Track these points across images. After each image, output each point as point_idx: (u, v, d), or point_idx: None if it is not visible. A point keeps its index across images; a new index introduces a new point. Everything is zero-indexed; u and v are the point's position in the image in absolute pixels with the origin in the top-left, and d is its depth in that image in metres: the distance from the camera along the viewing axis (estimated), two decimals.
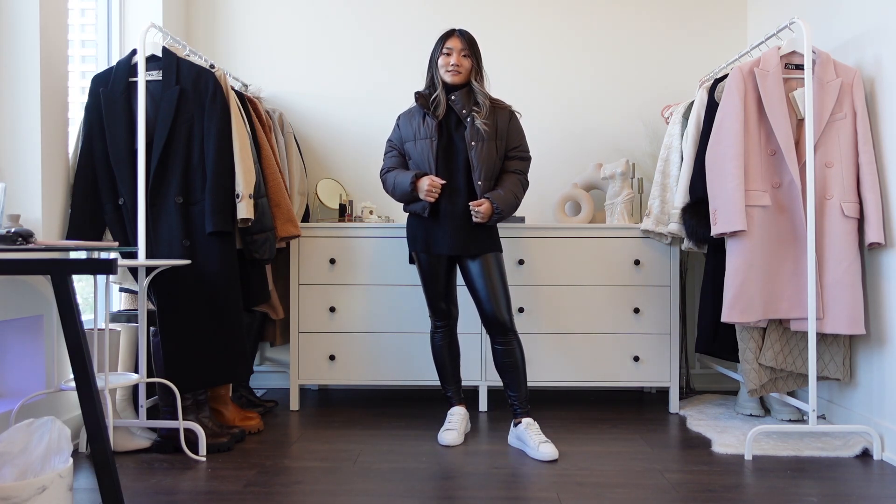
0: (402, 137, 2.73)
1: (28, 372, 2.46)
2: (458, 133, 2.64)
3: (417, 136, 2.67)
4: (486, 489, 2.18)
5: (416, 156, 2.67)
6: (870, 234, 2.53)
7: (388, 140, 2.81)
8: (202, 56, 2.95)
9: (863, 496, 2.13)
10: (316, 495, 2.12)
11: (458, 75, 2.62)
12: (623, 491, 2.16)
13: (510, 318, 2.63)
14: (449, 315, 2.77)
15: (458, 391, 2.80)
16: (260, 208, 2.71)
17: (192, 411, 2.57)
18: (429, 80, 2.69)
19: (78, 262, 1.74)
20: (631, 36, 3.68)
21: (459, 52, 2.62)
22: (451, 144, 2.65)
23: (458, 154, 2.63)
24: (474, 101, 2.64)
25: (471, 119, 2.61)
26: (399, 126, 2.76)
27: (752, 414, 3.03)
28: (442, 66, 2.63)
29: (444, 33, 2.66)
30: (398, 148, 2.76)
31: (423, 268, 2.73)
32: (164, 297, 2.53)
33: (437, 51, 2.66)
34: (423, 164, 2.65)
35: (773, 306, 2.62)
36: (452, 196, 2.63)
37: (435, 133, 2.63)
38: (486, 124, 2.61)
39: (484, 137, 2.61)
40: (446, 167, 2.63)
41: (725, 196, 2.59)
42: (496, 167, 2.67)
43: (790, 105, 2.64)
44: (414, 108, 2.74)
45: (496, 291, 2.61)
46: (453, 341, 2.80)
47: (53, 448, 1.69)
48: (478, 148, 2.60)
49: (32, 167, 2.43)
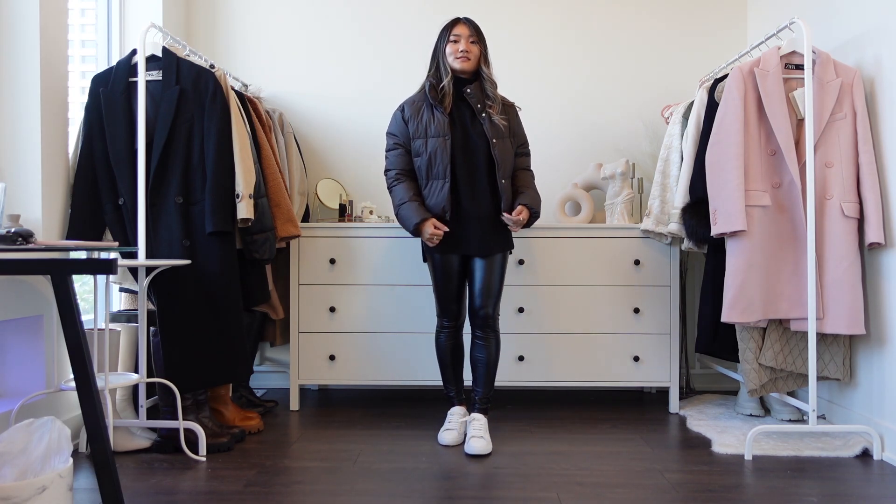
0: (410, 133, 2.62)
1: (28, 372, 2.45)
2: (474, 129, 2.59)
3: (428, 132, 2.57)
4: (486, 489, 2.18)
5: (428, 155, 2.57)
6: (870, 234, 2.53)
7: (390, 133, 2.68)
8: (202, 56, 2.95)
9: (863, 496, 2.13)
10: (316, 495, 2.12)
11: (467, 61, 2.57)
12: (623, 491, 2.15)
13: (495, 316, 2.66)
14: (458, 315, 2.72)
15: (460, 392, 2.79)
16: (260, 208, 2.71)
17: (192, 411, 2.57)
18: (433, 72, 2.63)
19: (78, 262, 1.74)
20: (631, 36, 3.68)
21: (467, 38, 2.58)
22: (467, 142, 2.58)
23: (476, 151, 2.58)
24: (486, 93, 2.60)
25: (486, 115, 2.56)
26: (404, 119, 2.64)
27: (752, 414, 3.03)
28: (450, 54, 2.58)
29: (449, 22, 2.63)
30: (403, 145, 2.64)
31: (437, 267, 2.66)
32: (164, 297, 2.53)
33: (442, 40, 2.61)
34: (436, 163, 2.56)
35: (773, 306, 2.62)
36: (475, 196, 2.58)
37: (448, 130, 2.56)
38: (503, 119, 2.59)
39: (503, 134, 2.59)
40: (466, 165, 2.57)
41: (725, 196, 2.59)
42: (512, 164, 2.66)
43: (790, 105, 2.64)
44: (418, 98, 2.65)
45: (492, 288, 2.63)
46: (458, 343, 2.76)
47: (53, 448, 1.69)
48: (499, 145, 2.57)
49: (32, 167, 2.43)
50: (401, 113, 2.66)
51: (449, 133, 2.56)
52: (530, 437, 2.75)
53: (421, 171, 2.61)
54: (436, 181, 2.58)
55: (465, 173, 2.57)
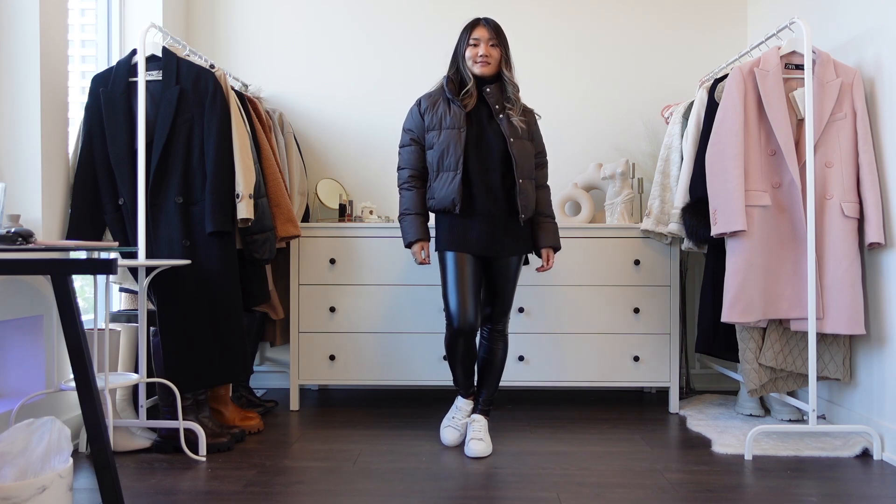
0: (425, 126, 2.54)
1: (28, 372, 2.45)
2: (491, 127, 2.51)
3: (443, 124, 2.49)
4: (486, 489, 2.18)
5: (441, 146, 2.48)
6: (870, 234, 2.53)
7: (406, 129, 2.61)
8: (202, 56, 2.95)
9: (863, 496, 2.13)
10: (316, 495, 2.12)
11: (487, 66, 2.49)
12: (623, 491, 2.15)
13: (506, 320, 2.65)
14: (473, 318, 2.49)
15: (470, 386, 2.67)
16: (260, 208, 2.70)
17: (192, 411, 2.57)
18: (453, 72, 2.55)
19: (78, 262, 1.74)
20: (631, 36, 3.68)
21: (487, 41, 2.48)
22: (482, 138, 2.50)
23: (491, 149, 2.50)
24: (506, 96, 2.53)
25: (504, 116, 2.50)
26: (420, 112, 2.56)
27: (752, 414, 3.03)
28: (470, 58, 2.49)
29: (469, 23, 2.53)
30: (418, 140, 2.57)
31: (448, 263, 2.52)
32: (164, 297, 2.53)
33: (462, 42, 2.52)
34: (448, 155, 2.47)
35: (773, 306, 2.62)
36: (488, 195, 2.50)
37: (464, 123, 2.47)
38: (522, 121, 2.53)
39: (522, 136, 2.53)
40: (479, 161, 2.49)
41: (725, 196, 2.59)
42: (533, 168, 2.58)
43: (790, 105, 2.64)
44: (436, 92, 2.58)
45: (507, 294, 2.61)
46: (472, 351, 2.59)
47: (53, 448, 1.69)
48: (517, 144, 2.50)
49: (32, 167, 2.43)
50: (417, 107, 2.59)
51: (464, 126, 2.47)
52: (530, 437, 2.75)
53: (432, 163, 2.53)
54: (447, 173, 2.48)
55: (479, 170, 2.49)
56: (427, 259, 2.58)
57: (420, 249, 2.57)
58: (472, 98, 2.51)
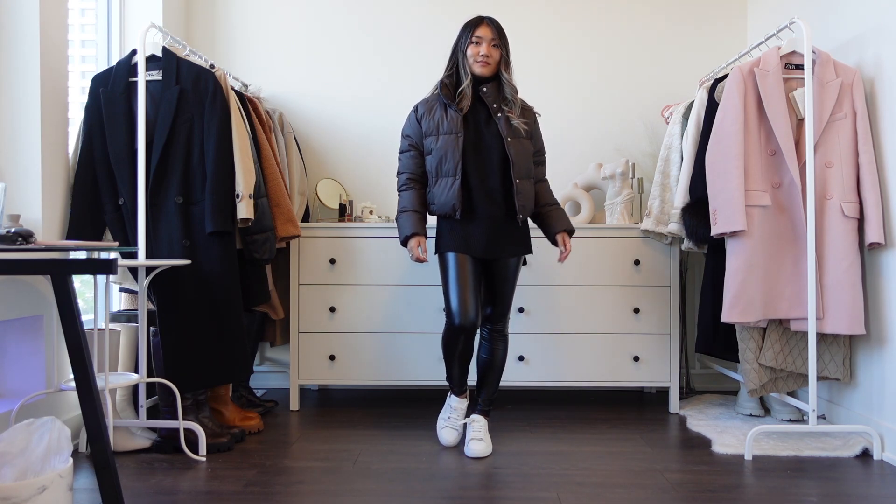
0: (423, 131, 2.54)
1: (28, 372, 2.45)
2: (488, 129, 2.50)
3: (440, 129, 2.49)
4: (485, 489, 2.18)
5: (439, 152, 2.48)
6: (870, 234, 2.53)
7: (405, 135, 2.61)
8: (202, 56, 2.95)
9: (863, 496, 2.13)
10: (316, 495, 2.12)
11: (486, 66, 2.47)
12: (623, 491, 2.15)
13: (506, 321, 2.65)
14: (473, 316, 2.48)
15: (463, 384, 2.68)
16: (260, 208, 2.71)
17: (192, 411, 2.57)
18: (451, 69, 2.53)
19: (78, 262, 1.74)
20: (631, 36, 3.68)
21: (490, 41, 2.46)
22: (480, 140, 2.50)
23: (490, 151, 2.49)
24: (503, 96, 2.52)
25: (502, 115, 2.49)
26: (418, 119, 2.57)
27: (752, 414, 3.03)
28: (471, 57, 2.47)
29: (472, 21, 2.51)
30: (416, 146, 2.57)
31: (448, 264, 2.52)
32: (164, 297, 2.53)
33: (463, 39, 2.49)
34: (447, 161, 2.46)
35: (773, 306, 2.62)
36: (488, 197, 2.49)
37: (461, 128, 2.47)
38: (524, 123, 2.52)
39: (520, 134, 2.51)
40: (477, 165, 2.49)
41: (725, 196, 2.59)
42: (531, 167, 2.57)
43: (790, 105, 2.64)
44: (432, 97, 2.58)
45: (506, 295, 2.61)
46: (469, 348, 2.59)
47: (53, 448, 1.69)
48: (515, 144, 2.48)
49: (32, 167, 2.43)
50: (414, 113, 2.60)
51: (462, 130, 2.46)
52: (530, 437, 2.75)
53: (431, 169, 2.53)
54: (446, 178, 2.48)
55: (478, 174, 2.49)
56: (424, 255, 2.55)
57: (416, 245, 2.54)
58: (467, 98, 2.50)
